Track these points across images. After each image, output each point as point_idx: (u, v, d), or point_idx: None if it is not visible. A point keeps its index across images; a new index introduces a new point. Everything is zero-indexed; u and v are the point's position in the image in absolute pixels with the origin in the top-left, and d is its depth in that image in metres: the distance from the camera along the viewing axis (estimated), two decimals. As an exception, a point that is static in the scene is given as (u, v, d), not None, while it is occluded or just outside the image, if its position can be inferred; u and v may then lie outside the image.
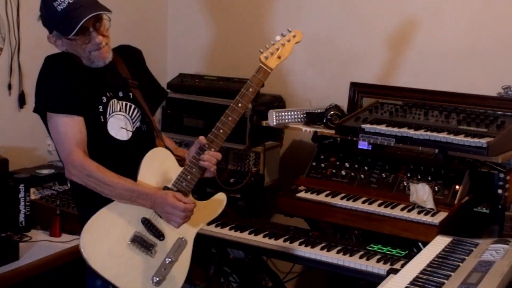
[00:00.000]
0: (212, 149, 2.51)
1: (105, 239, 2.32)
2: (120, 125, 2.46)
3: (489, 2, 3.43)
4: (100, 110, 2.43)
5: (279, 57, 2.64)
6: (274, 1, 4.00)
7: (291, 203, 3.21)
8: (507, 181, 2.70)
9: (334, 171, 3.32)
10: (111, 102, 2.46)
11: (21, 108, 3.40)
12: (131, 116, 2.50)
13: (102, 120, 2.43)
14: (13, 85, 3.34)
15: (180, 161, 2.57)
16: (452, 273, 2.07)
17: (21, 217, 3.03)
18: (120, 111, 2.47)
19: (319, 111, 3.50)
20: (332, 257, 2.91)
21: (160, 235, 2.40)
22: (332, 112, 3.42)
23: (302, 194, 3.21)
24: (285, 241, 3.07)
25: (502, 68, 3.38)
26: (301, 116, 3.53)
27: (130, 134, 2.48)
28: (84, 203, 2.45)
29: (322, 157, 3.40)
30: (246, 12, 4.09)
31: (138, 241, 2.35)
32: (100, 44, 2.41)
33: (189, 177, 2.48)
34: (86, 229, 2.31)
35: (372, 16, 3.71)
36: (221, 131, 2.54)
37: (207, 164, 2.49)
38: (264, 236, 3.12)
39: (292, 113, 3.53)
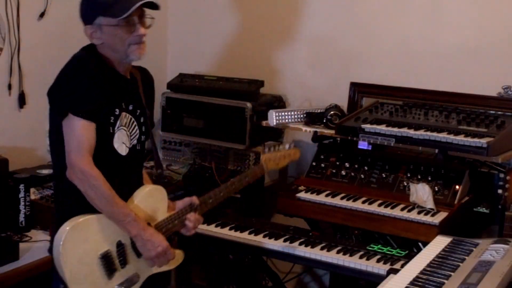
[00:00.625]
0: (197, 212, 2.64)
1: (83, 244, 2.32)
2: (122, 140, 2.46)
3: (490, 2, 3.43)
4: (111, 121, 2.42)
5: (276, 164, 2.95)
6: (274, 1, 4.00)
7: (291, 203, 3.21)
8: (507, 181, 2.70)
9: (334, 171, 3.32)
10: (122, 114, 2.46)
11: (21, 108, 3.40)
12: (130, 133, 2.51)
13: (111, 131, 2.42)
14: (13, 85, 3.34)
15: None
16: (452, 273, 2.07)
17: (21, 217, 3.03)
18: (125, 125, 2.48)
19: (319, 111, 3.50)
20: (332, 257, 2.91)
21: (124, 263, 2.42)
22: (332, 112, 3.42)
23: (302, 194, 3.21)
24: (285, 241, 3.07)
25: (502, 68, 3.38)
26: (301, 116, 3.53)
27: (127, 150, 2.48)
28: (69, 205, 2.40)
29: (322, 157, 3.40)
30: (246, 12, 4.09)
31: (106, 260, 2.36)
32: (142, 37, 2.41)
33: (170, 225, 2.55)
34: (73, 227, 2.30)
35: (372, 16, 3.71)
36: (211, 200, 2.71)
37: (192, 225, 2.61)
38: (264, 236, 3.12)
39: (292, 113, 3.53)
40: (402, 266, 2.65)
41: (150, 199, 2.53)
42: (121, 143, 2.45)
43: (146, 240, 2.40)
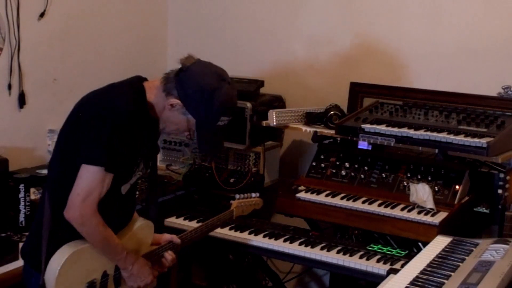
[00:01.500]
0: (175, 250, 2.67)
1: (76, 271, 2.34)
2: (131, 182, 2.46)
3: (490, 2, 3.43)
4: (134, 169, 2.41)
5: (242, 211, 3.04)
6: (274, 0, 4.00)
7: (291, 203, 3.21)
8: (507, 181, 2.70)
9: (334, 171, 3.32)
10: (142, 162, 2.44)
11: (21, 108, 3.40)
12: (140, 173, 2.50)
13: (129, 178, 2.42)
14: (13, 85, 3.34)
15: None
16: (452, 273, 2.07)
17: (21, 217, 3.03)
18: (140, 170, 2.47)
19: (319, 111, 3.50)
20: (332, 257, 2.91)
21: None
22: (332, 112, 3.41)
23: (302, 194, 3.21)
24: (285, 241, 3.07)
25: (502, 68, 3.38)
26: (301, 116, 3.53)
27: (129, 187, 2.47)
28: (60, 235, 2.36)
29: (322, 157, 3.40)
30: (246, 12, 4.09)
31: None
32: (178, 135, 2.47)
33: (149, 260, 2.55)
34: (72, 254, 2.31)
35: (372, 16, 3.71)
36: (186, 240, 2.76)
37: (167, 264, 2.63)
38: (264, 236, 3.12)
39: (292, 113, 3.53)
40: (402, 266, 2.65)
41: (139, 234, 2.56)
42: (129, 184, 2.45)
43: (132, 273, 2.44)
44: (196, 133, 2.40)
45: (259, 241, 3.10)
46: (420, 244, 2.91)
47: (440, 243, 2.42)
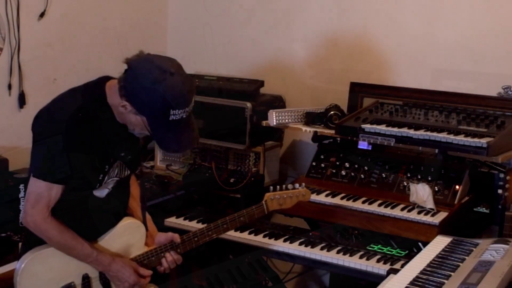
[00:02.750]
0: (179, 250, 2.55)
1: (44, 275, 2.33)
2: (107, 187, 2.43)
3: (490, 2, 3.43)
4: (100, 178, 2.37)
5: (280, 205, 2.77)
6: (275, 1, 4.00)
7: (291, 203, 3.20)
8: (507, 181, 2.70)
9: (334, 171, 3.32)
10: (111, 169, 2.40)
11: (21, 108, 3.40)
12: (121, 177, 2.45)
13: (98, 186, 2.39)
14: (13, 85, 3.34)
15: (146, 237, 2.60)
16: (452, 273, 2.07)
17: (21, 217, 3.03)
18: (116, 176, 2.43)
19: (319, 111, 3.50)
20: (332, 257, 2.91)
21: None
22: (332, 112, 3.41)
23: (302, 194, 3.20)
24: (285, 241, 3.07)
25: (502, 68, 3.38)
26: (301, 116, 3.53)
27: (109, 190, 2.44)
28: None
29: (322, 157, 3.40)
30: (247, 12, 4.09)
31: None
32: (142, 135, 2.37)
33: (145, 262, 2.52)
34: (34, 258, 2.32)
35: (372, 16, 3.71)
36: (196, 239, 2.60)
37: (167, 265, 2.54)
38: (264, 236, 3.12)
39: (292, 113, 3.53)
40: (402, 266, 2.65)
41: (125, 234, 2.51)
42: (105, 188, 2.42)
43: (112, 276, 2.42)
44: (150, 132, 2.27)
45: (259, 241, 3.10)
46: (420, 244, 2.91)
47: (440, 243, 2.42)
